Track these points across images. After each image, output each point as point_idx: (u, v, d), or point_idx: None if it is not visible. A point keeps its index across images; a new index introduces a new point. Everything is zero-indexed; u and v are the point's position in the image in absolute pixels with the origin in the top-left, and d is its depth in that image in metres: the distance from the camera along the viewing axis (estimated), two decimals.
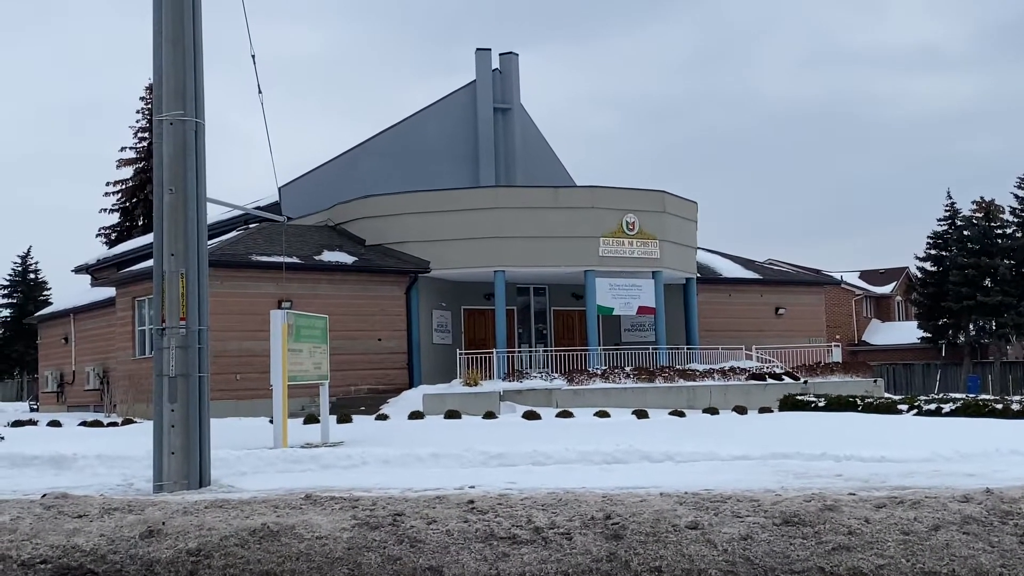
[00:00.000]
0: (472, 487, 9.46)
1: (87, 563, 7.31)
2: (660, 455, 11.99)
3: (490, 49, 36.30)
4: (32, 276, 60.23)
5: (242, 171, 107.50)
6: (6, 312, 59.39)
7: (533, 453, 12.16)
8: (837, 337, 54.76)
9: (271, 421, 16.37)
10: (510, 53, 36.90)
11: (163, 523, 7.75)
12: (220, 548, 7.29)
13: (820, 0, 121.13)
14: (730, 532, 7.07)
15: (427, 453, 12.44)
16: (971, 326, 48.85)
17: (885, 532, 6.94)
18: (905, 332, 55.47)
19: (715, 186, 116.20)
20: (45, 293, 59.36)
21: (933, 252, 52.25)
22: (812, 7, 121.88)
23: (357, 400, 25.58)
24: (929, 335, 51.17)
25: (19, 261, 60.24)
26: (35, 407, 37.87)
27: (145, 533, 7.61)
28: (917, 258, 53.47)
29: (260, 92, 12.56)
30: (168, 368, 10.34)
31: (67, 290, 51.62)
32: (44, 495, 8.85)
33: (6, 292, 59.82)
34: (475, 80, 35.98)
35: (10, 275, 60.06)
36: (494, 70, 36.36)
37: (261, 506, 8.28)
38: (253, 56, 12.43)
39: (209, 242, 28.36)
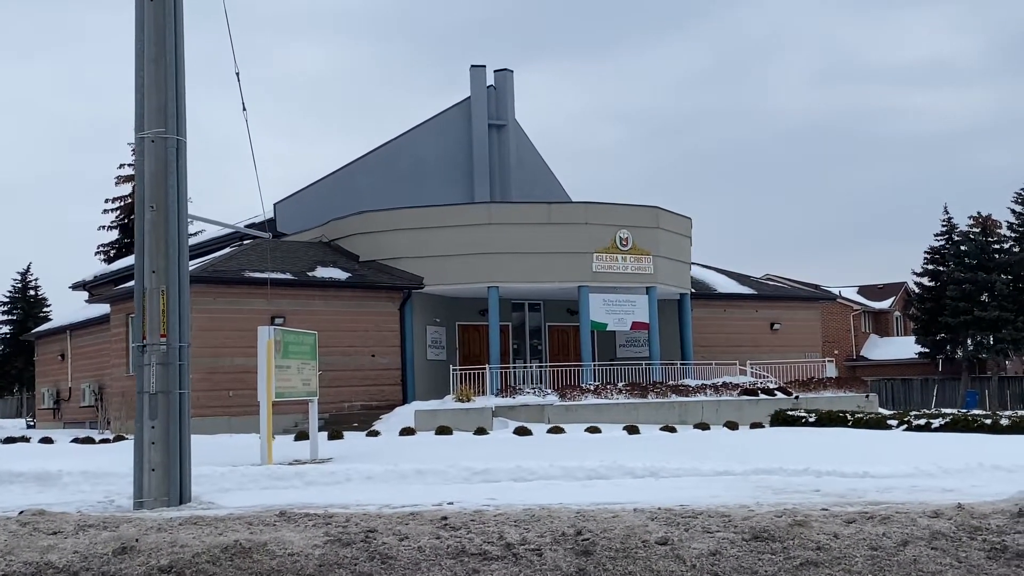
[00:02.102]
0: (450, 503, 9.47)
1: None
2: (643, 471, 11.99)
3: (484, 66, 36.46)
4: (32, 293, 60.32)
5: (242, 186, 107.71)
6: (6, 329, 59.44)
7: (517, 469, 12.15)
8: (836, 352, 54.72)
9: None
10: (505, 70, 37.05)
11: (136, 540, 7.77)
12: (192, 565, 7.30)
13: (834, 17, 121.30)
14: (699, 548, 7.09)
15: (411, 469, 12.44)
16: (969, 341, 48.76)
17: (853, 548, 6.96)
18: (903, 347, 55.41)
19: (719, 201, 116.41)
20: (45, 310, 59.40)
21: (931, 267, 52.24)
22: (826, 23, 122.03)
23: (351, 416, 25.56)
24: (927, 350, 51.10)
25: (19, 278, 60.37)
26: (32, 424, 37.87)
27: (118, 550, 7.62)
28: (915, 273, 53.50)
29: (244, 109, 12.64)
30: (149, 385, 10.36)
31: (66, 307, 51.72)
32: (21, 512, 8.87)
33: (6, 309, 59.89)
34: (470, 96, 36.14)
35: (10, 291, 60.16)
36: (489, 86, 36.50)
37: (235, 523, 8.30)
38: (237, 74, 12.53)
39: (203, 259, 28.61)
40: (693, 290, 32.22)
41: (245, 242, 29.73)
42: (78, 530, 8.16)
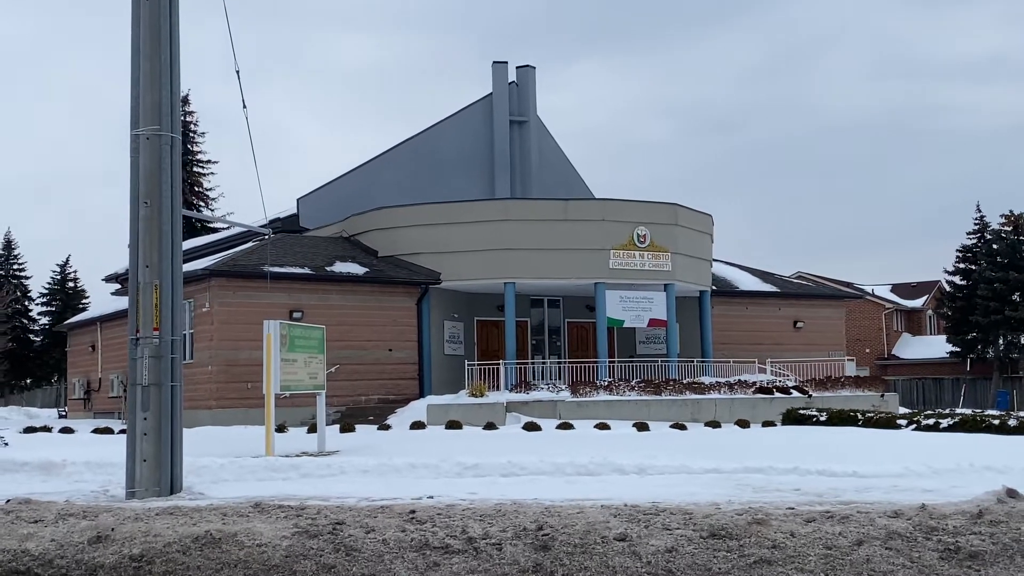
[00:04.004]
0: (430, 497, 9.59)
1: (35, 567, 7.53)
2: (632, 468, 12.04)
3: (506, 62, 36.57)
4: (71, 285, 61.42)
5: (273, 180, 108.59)
6: (45, 320, 60.58)
7: (507, 464, 12.25)
8: (867, 351, 54.27)
9: (277, 429, 16.70)
10: (527, 66, 37.10)
11: (112, 529, 7.97)
12: (162, 555, 7.49)
13: (889, 11, 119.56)
14: (656, 544, 7.15)
15: (404, 463, 12.58)
16: (1000, 340, 48.13)
17: (808, 546, 6.99)
18: (935, 346, 54.82)
19: (763, 197, 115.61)
20: (84, 302, 60.44)
21: (962, 266, 51.67)
22: (880, 18, 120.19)
23: (367, 410, 25.81)
24: (958, 349, 50.52)
25: (58, 270, 61.49)
26: (64, 414, 38.59)
27: (93, 539, 7.83)
28: (947, 272, 52.94)
29: (244, 107, 12.84)
30: (141, 377, 10.57)
31: (102, 299, 52.53)
32: (8, 500, 9.12)
33: (45, 300, 61.05)
34: (492, 93, 36.24)
35: (49, 283, 61.32)
36: (510, 83, 36.59)
37: (211, 513, 8.48)
38: (238, 72, 12.71)
39: (225, 253, 28.96)
40: (714, 287, 32.11)
41: (265, 237, 30.08)
42: (58, 519, 8.39)
